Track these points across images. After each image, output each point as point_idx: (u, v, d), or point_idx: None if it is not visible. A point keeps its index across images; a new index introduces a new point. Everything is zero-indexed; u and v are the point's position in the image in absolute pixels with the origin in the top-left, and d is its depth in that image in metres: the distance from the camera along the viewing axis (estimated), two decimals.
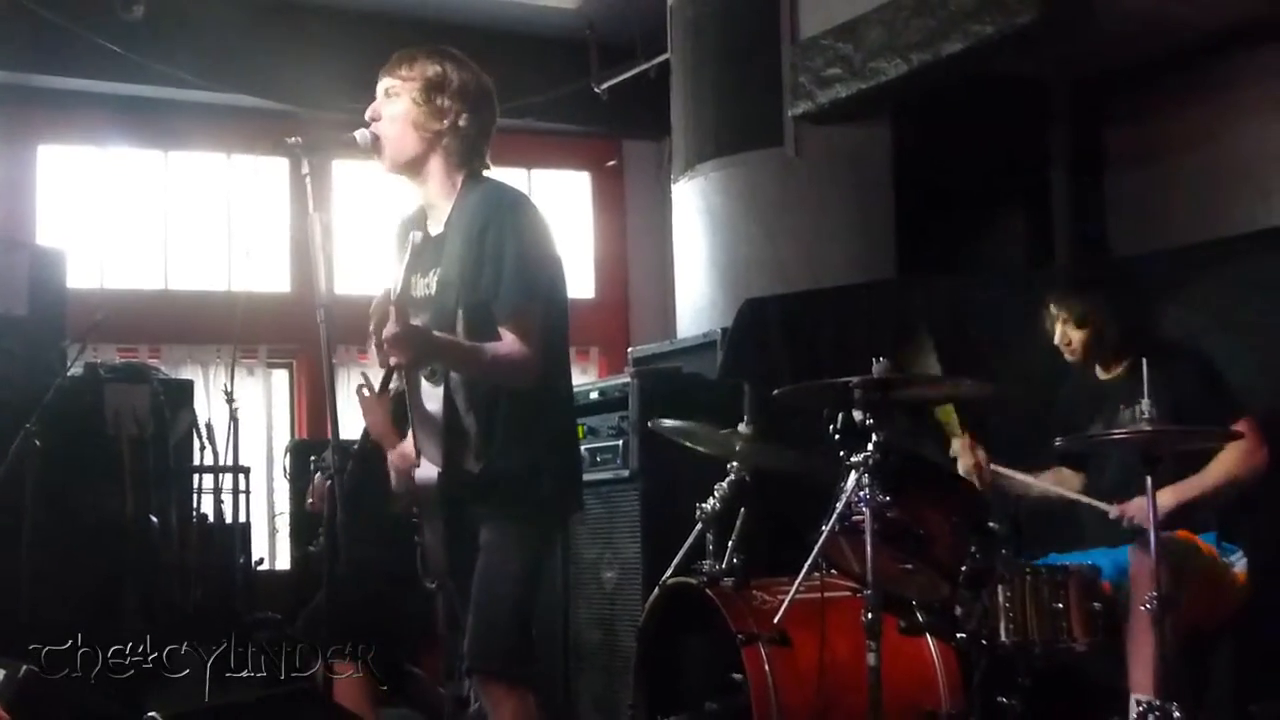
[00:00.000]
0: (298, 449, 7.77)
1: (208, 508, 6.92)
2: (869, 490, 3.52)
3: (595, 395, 5.49)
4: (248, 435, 7.44)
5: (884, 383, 3.58)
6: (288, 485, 7.95)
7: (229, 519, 6.93)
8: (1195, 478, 3.95)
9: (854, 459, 3.59)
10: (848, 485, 3.59)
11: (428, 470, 3.30)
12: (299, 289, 9.46)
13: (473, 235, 3.20)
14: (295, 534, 7.80)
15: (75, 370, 5.71)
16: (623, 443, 5.29)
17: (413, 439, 3.36)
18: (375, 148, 3.29)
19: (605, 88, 9.09)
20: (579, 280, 10.15)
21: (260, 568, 7.74)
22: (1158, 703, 3.42)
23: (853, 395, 3.59)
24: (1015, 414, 4.54)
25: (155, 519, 5.94)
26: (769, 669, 3.86)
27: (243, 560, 7.09)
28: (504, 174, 3.43)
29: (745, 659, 3.89)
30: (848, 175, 6.59)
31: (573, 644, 5.39)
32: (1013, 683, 3.66)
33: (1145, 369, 3.66)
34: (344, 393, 5.88)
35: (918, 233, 6.70)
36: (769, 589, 4.11)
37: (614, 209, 10.77)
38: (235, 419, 6.76)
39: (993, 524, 3.74)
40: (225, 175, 9.77)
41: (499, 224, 3.19)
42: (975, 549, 3.69)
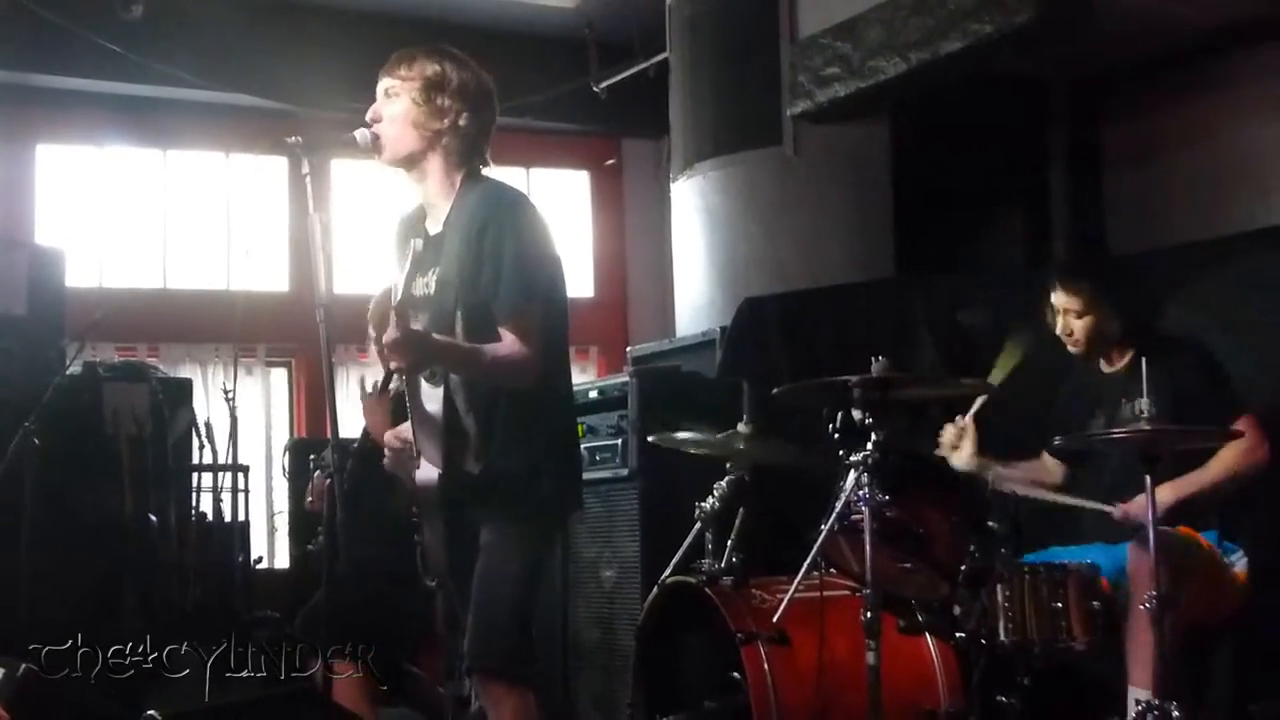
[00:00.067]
0: (296, 448, 7.78)
1: (207, 506, 6.92)
2: (868, 489, 3.53)
3: (594, 394, 5.49)
4: (246, 434, 7.44)
5: (883, 382, 3.58)
6: (286, 484, 7.96)
7: (228, 518, 6.92)
8: (1195, 473, 3.94)
9: (853, 458, 3.60)
10: (847, 484, 3.60)
11: (428, 471, 3.30)
12: (298, 288, 9.45)
13: (471, 235, 3.20)
14: (294, 533, 7.81)
15: (74, 369, 5.71)
16: (622, 442, 5.29)
17: (413, 440, 3.36)
18: (375, 146, 3.28)
19: (604, 87, 9.09)
20: (578, 279, 10.14)
21: (259, 567, 7.75)
22: (1157, 702, 3.42)
23: (852, 394, 3.60)
24: (1014, 413, 4.53)
25: (154, 518, 5.94)
26: (768, 668, 3.86)
27: (242, 559, 7.09)
28: (503, 173, 3.43)
29: (744, 658, 3.89)
30: (846, 174, 6.58)
31: (572, 643, 5.39)
32: (1012, 682, 3.66)
33: (1144, 366, 3.65)
34: (343, 392, 5.92)
35: (916, 232, 6.69)
36: (768, 588, 4.11)
37: (613, 208, 10.76)
38: (234, 418, 6.75)
39: (992, 523, 3.74)
40: (224, 174, 9.75)
41: (497, 224, 3.18)
42: (974, 548, 3.70)
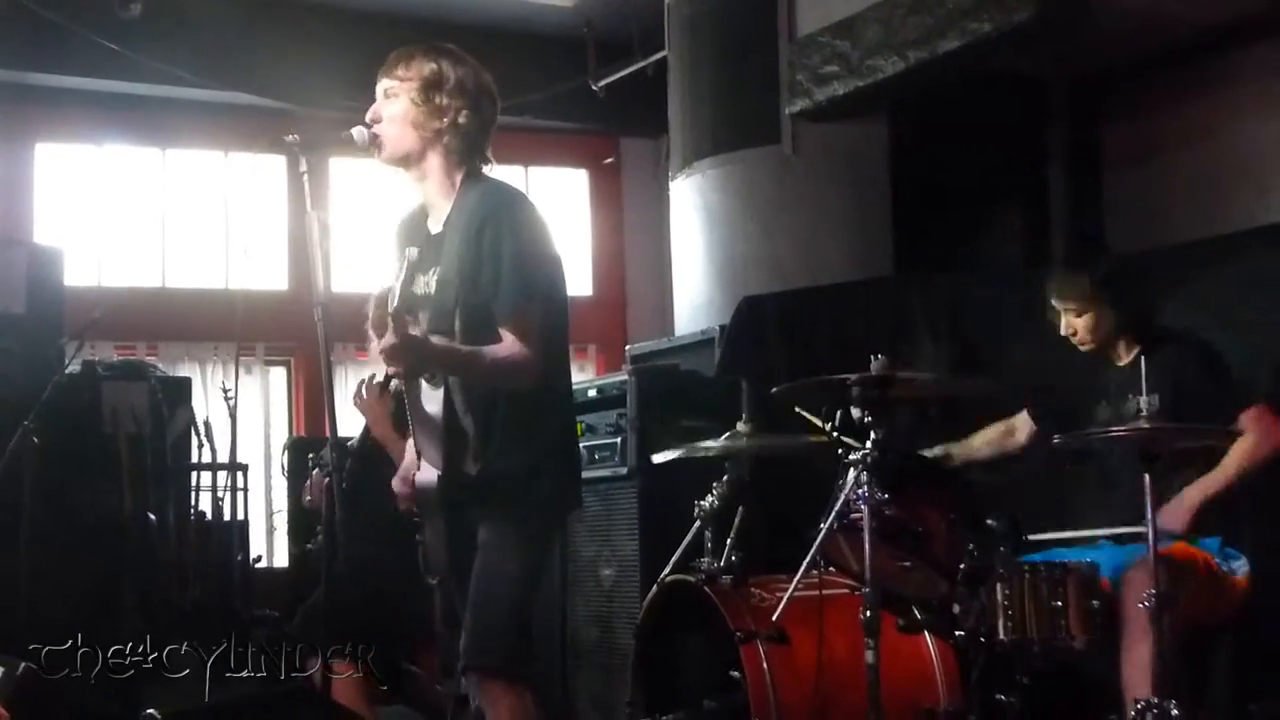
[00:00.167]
0: (295, 446, 7.78)
1: (206, 505, 6.93)
2: (867, 488, 3.53)
3: (593, 393, 5.49)
4: (245, 433, 7.44)
5: (882, 380, 3.58)
6: (285, 483, 7.96)
7: (227, 517, 6.93)
8: (1217, 471, 3.91)
9: (852, 456, 3.59)
10: (846, 483, 3.60)
11: (427, 472, 3.30)
12: (296, 287, 9.44)
13: (471, 234, 3.19)
14: (293, 531, 7.81)
15: (73, 368, 5.71)
16: (620, 440, 5.29)
17: (413, 442, 3.36)
18: (375, 146, 3.28)
19: (603, 85, 9.08)
20: (576, 278, 10.13)
21: (258, 565, 7.75)
22: (1155, 701, 3.42)
23: (851, 392, 3.60)
24: (1013, 413, 4.52)
25: (153, 517, 5.94)
26: (767, 667, 3.85)
27: (241, 558, 7.09)
28: (501, 171, 3.42)
29: (743, 657, 3.89)
30: (845, 173, 6.58)
31: (570, 641, 5.39)
32: (1011, 680, 3.66)
33: (1144, 363, 3.64)
34: (342, 390, 5.92)
35: (915, 230, 6.69)
36: (767, 587, 4.11)
37: (611, 206, 10.75)
38: (233, 417, 6.75)
39: (991, 521, 3.74)
40: (223, 173, 9.74)
41: (496, 223, 3.18)
42: (973, 547, 3.69)
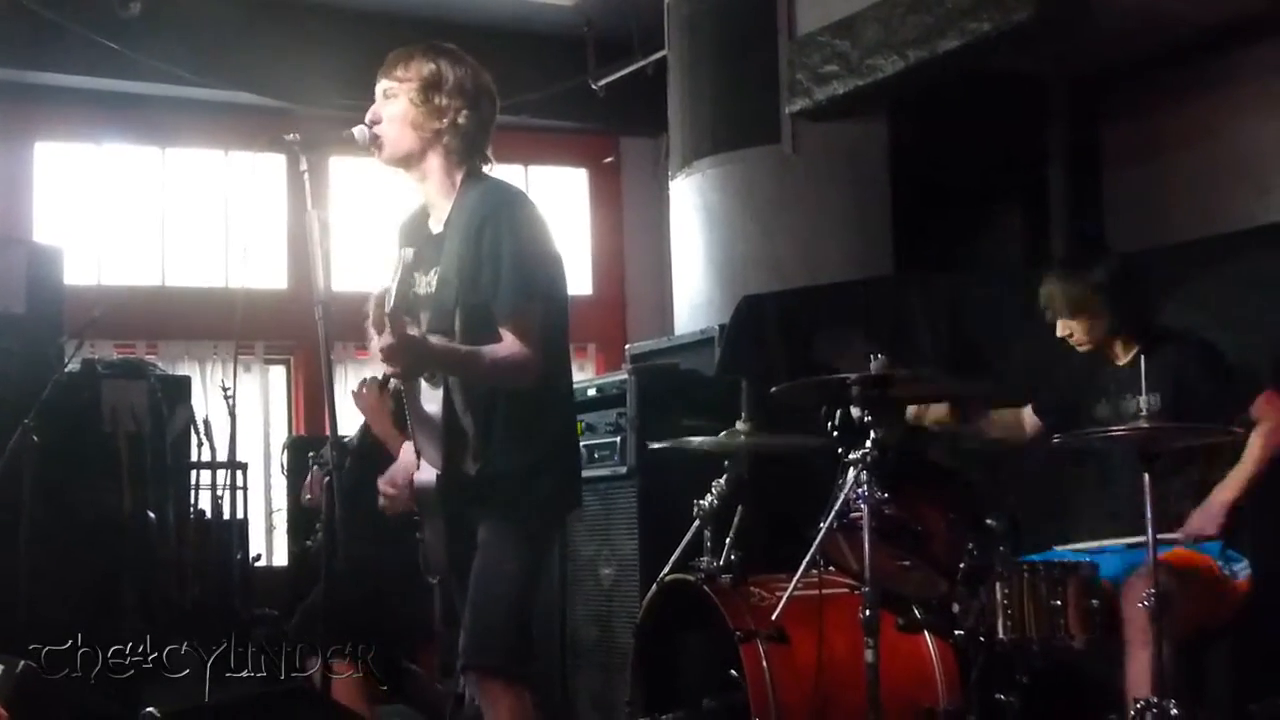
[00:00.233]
0: (295, 445, 7.79)
1: (205, 504, 6.93)
2: (867, 487, 3.53)
3: (593, 392, 5.49)
4: (245, 432, 7.44)
5: (881, 379, 3.58)
6: (285, 481, 7.96)
7: (226, 515, 6.93)
8: (1239, 468, 3.89)
9: (852, 456, 3.59)
10: (846, 482, 3.60)
11: (427, 472, 3.30)
12: (296, 285, 9.44)
13: (471, 234, 3.19)
14: (293, 530, 7.81)
15: (72, 366, 5.71)
16: (620, 439, 5.28)
17: (412, 442, 3.35)
18: (375, 147, 3.28)
19: (602, 84, 9.08)
20: (576, 277, 10.12)
21: (258, 564, 7.76)
22: (1155, 700, 3.42)
23: (850, 392, 3.60)
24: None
25: (153, 515, 5.94)
26: (767, 666, 3.85)
27: (240, 556, 7.10)
28: (501, 171, 3.42)
29: (743, 656, 3.89)
30: (845, 172, 6.58)
31: (570, 641, 5.39)
32: (1010, 680, 3.66)
33: (1144, 362, 3.64)
34: (341, 389, 5.92)
35: (915, 230, 6.68)
36: (767, 586, 4.11)
37: (611, 206, 10.75)
38: (233, 415, 6.75)
39: (990, 520, 3.74)
40: (222, 172, 9.74)
41: (496, 223, 3.18)
42: (973, 546, 3.70)
